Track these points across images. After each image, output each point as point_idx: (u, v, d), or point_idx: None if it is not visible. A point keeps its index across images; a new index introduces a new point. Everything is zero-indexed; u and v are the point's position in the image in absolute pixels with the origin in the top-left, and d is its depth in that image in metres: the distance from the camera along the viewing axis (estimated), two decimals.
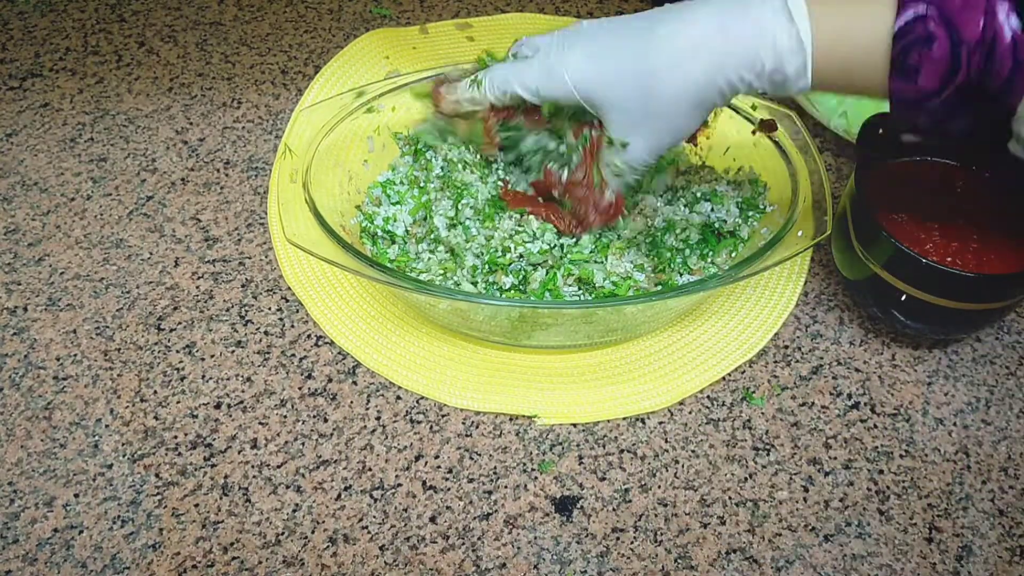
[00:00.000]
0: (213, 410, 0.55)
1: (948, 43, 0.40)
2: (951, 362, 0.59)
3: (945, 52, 0.41)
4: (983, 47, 0.40)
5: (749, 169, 0.61)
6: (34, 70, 0.76)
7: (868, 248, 0.55)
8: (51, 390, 0.55)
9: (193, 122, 0.72)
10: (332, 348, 0.58)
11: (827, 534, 0.50)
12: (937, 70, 0.41)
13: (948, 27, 0.40)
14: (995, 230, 0.56)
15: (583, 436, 0.54)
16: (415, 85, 0.59)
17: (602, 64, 0.47)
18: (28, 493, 0.51)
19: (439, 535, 0.50)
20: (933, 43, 0.41)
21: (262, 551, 0.49)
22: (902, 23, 0.41)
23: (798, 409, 0.56)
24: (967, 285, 0.52)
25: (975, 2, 0.40)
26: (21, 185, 0.67)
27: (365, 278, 0.54)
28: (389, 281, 0.50)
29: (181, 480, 0.51)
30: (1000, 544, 0.50)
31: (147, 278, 0.61)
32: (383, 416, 0.55)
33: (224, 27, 0.81)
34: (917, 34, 0.41)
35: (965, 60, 0.41)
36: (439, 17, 0.82)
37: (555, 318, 0.52)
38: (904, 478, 0.53)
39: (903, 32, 0.41)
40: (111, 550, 0.48)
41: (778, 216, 0.57)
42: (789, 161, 0.57)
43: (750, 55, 0.44)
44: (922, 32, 0.41)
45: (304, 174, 0.56)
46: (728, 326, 0.59)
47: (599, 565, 0.49)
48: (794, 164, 0.57)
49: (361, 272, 0.51)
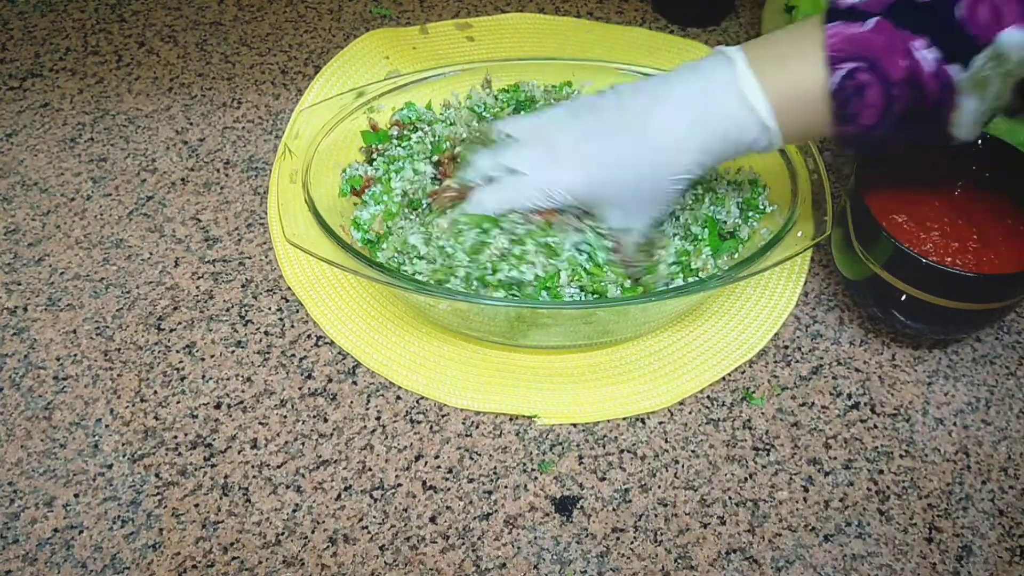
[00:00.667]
0: (213, 410, 0.55)
1: (880, 87, 0.45)
2: (951, 362, 0.59)
3: (878, 95, 0.46)
4: (910, 82, 0.45)
5: (749, 169, 0.60)
6: (34, 70, 0.76)
7: (868, 248, 0.55)
8: (51, 390, 0.55)
9: (193, 122, 0.72)
10: (332, 348, 0.58)
11: (827, 534, 0.50)
12: (875, 110, 0.46)
13: (876, 73, 0.45)
14: (995, 230, 0.56)
15: (583, 436, 0.54)
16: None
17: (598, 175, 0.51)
18: (28, 493, 0.51)
19: (439, 535, 0.50)
20: (866, 91, 0.46)
21: (262, 551, 0.49)
22: (836, 82, 0.46)
23: (798, 409, 0.56)
24: (967, 285, 0.52)
25: (893, 46, 0.45)
26: (21, 185, 0.67)
27: (364, 278, 0.54)
28: (388, 281, 0.50)
29: (181, 480, 0.51)
30: (1000, 544, 0.50)
31: (147, 278, 0.61)
32: (383, 416, 0.55)
33: (224, 27, 0.81)
34: (851, 88, 0.46)
35: (898, 96, 0.45)
36: (439, 17, 0.82)
37: (554, 318, 0.52)
38: (904, 478, 0.53)
39: (838, 88, 0.46)
40: (111, 550, 0.48)
41: (778, 216, 0.57)
42: (789, 161, 0.57)
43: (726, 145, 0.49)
44: (854, 84, 0.46)
45: (304, 174, 0.56)
46: (728, 326, 0.59)
47: (599, 565, 0.49)
48: (794, 164, 0.57)
49: (360, 272, 0.51)
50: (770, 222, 0.58)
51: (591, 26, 0.82)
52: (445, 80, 0.64)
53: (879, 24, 0.45)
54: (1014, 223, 0.56)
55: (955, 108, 0.46)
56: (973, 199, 0.58)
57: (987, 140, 0.58)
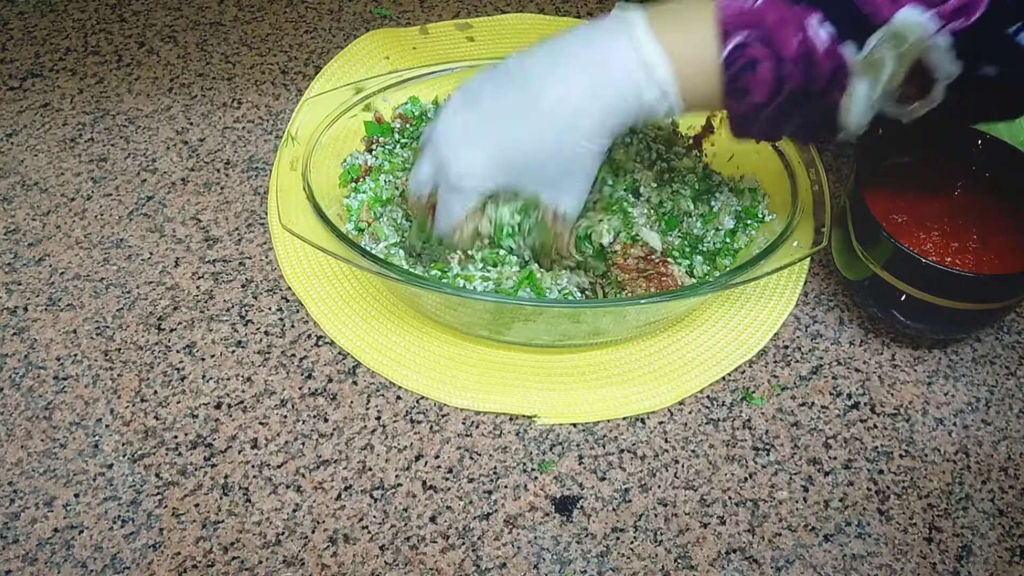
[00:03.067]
0: (213, 410, 0.55)
1: (772, 62, 0.44)
2: (951, 362, 0.59)
3: (770, 70, 0.44)
4: (803, 59, 0.44)
5: (752, 177, 0.60)
6: (34, 70, 0.76)
7: (868, 248, 0.55)
8: (51, 390, 0.55)
9: (193, 122, 0.72)
10: (332, 348, 0.58)
11: (827, 534, 0.50)
12: (766, 87, 0.45)
13: (768, 47, 0.44)
14: (995, 230, 0.56)
15: (583, 436, 0.54)
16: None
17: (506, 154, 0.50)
18: (28, 493, 0.51)
19: (439, 535, 0.50)
20: (758, 65, 0.44)
21: (262, 551, 0.49)
22: (726, 53, 0.45)
23: (798, 409, 0.56)
24: (967, 285, 0.52)
25: (788, 19, 0.44)
26: (21, 185, 0.67)
27: (356, 267, 0.54)
28: (380, 272, 0.50)
29: (181, 480, 0.51)
30: (1000, 544, 0.50)
31: (147, 278, 0.61)
32: (383, 416, 0.55)
33: (224, 27, 0.81)
34: (742, 61, 0.45)
35: (789, 73, 0.44)
36: (439, 17, 0.82)
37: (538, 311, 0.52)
38: (904, 478, 0.53)
39: (729, 61, 0.45)
40: (111, 550, 0.48)
41: (777, 225, 0.57)
42: (790, 171, 0.57)
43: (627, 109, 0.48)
44: (746, 57, 0.44)
45: (304, 161, 0.56)
46: (728, 326, 0.59)
47: (599, 565, 0.49)
48: (795, 174, 0.57)
49: (352, 261, 0.51)
50: (769, 231, 0.57)
51: None
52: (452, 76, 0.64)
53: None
54: (1014, 223, 0.56)
55: (846, 91, 0.45)
56: (973, 199, 0.58)
57: (987, 140, 0.58)
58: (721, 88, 0.46)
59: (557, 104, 0.48)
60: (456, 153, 0.50)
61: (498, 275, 0.53)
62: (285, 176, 0.55)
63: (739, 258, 0.57)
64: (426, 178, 0.52)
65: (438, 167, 0.51)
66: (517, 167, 0.50)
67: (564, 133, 0.48)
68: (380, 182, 0.59)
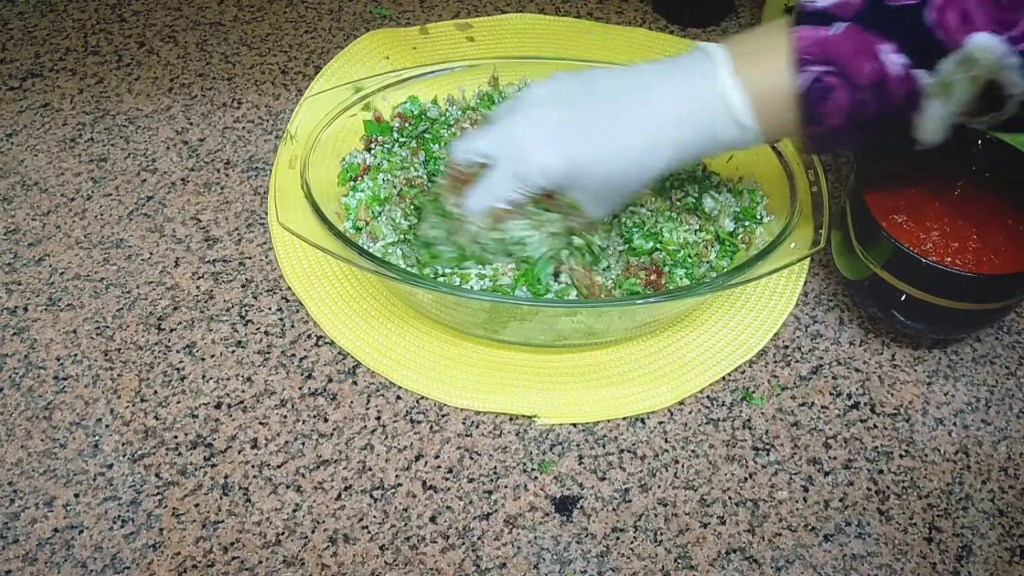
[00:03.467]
0: (213, 410, 0.55)
1: (847, 91, 0.45)
2: (951, 362, 0.59)
3: (845, 98, 0.46)
4: (877, 87, 0.45)
5: (750, 178, 0.60)
6: (34, 70, 0.76)
7: (868, 248, 0.55)
8: (51, 390, 0.55)
9: (193, 122, 0.72)
10: (332, 348, 0.58)
11: (827, 534, 0.50)
12: (841, 112, 0.46)
13: (843, 77, 0.45)
14: (995, 230, 0.56)
15: (583, 436, 0.54)
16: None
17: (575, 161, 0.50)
18: (28, 493, 0.51)
19: (439, 535, 0.50)
20: (832, 93, 0.46)
21: (262, 551, 0.49)
22: (804, 85, 0.46)
23: (798, 409, 0.56)
24: (967, 285, 0.52)
25: (861, 48, 0.45)
26: (21, 185, 0.67)
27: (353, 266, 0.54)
28: (376, 270, 0.50)
29: (181, 480, 0.51)
30: (1000, 544, 0.50)
31: (147, 278, 0.61)
32: (383, 416, 0.55)
33: (224, 27, 0.81)
34: (818, 91, 0.46)
35: (865, 100, 0.46)
36: (439, 17, 0.82)
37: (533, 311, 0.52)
38: (904, 478, 0.53)
39: (807, 93, 0.46)
40: (111, 550, 0.48)
41: (776, 226, 0.57)
42: (790, 173, 0.57)
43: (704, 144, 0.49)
44: (822, 88, 0.46)
45: (303, 159, 0.56)
46: (728, 326, 0.59)
47: (599, 565, 0.49)
48: (794, 176, 0.57)
49: (350, 260, 0.51)
50: (768, 232, 0.57)
51: (591, 26, 0.82)
52: (452, 75, 0.64)
53: (848, 29, 0.45)
54: (1014, 223, 0.56)
55: (921, 112, 0.46)
56: (973, 199, 0.58)
57: (987, 140, 0.58)
58: (799, 117, 0.47)
59: (645, 127, 0.49)
60: (539, 147, 0.50)
61: (494, 272, 0.53)
62: (284, 175, 0.55)
63: (737, 259, 0.57)
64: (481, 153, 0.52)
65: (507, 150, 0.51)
66: (584, 177, 0.50)
67: (644, 156, 0.50)
68: (378, 181, 0.59)
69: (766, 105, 0.48)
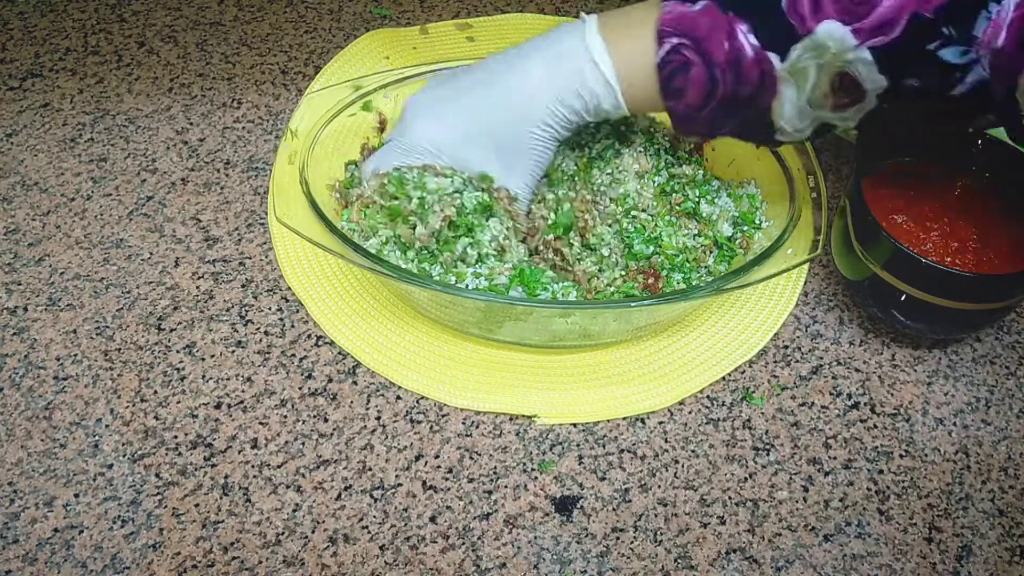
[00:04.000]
0: (213, 410, 0.55)
1: (704, 67, 0.48)
2: (951, 362, 0.59)
3: (702, 74, 0.48)
4: (732, 65, 0.47)
5: (751, 183, 0.60)
6: (34, 70, 0.76)
7: (868, 248, 0.55)
8: (51, 390, 0.55)
9: (193, 122, 0.72)
10: (332, 348, 0.58)
11: (827, 534, 0.50)
12: (699, 89, 0.49)
13: (700, 53, 0.47)
14: (995, 230, 0.56)
15: (583, 436, 0.54)
16: None
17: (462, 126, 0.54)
18: (28, 493, 0.51)
19: (439, 535, 0.50)
20: (691, 68, 0.48)
21: (262, 551, 0.49)
22: (661, 55, 0.48)
23: (798, 409, 0.56)
24: (967, 285, 0.52)
25: (719, 26, 0.47)
26: (21, 185, 0.67)
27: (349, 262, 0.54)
28: (372, 267, 0.50)
29: (181, 480, 0.51)
30: (1000, 544, 0.50)
31: (147, 278, 0.61)
32: (383, 416, 0.55)
33: (224, 27, 0.81)
34: (675, 63, 0.48)
35: (720, 78, 0.48)
36: (439, 17, 0.82)
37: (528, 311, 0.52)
38: (904, 478, 0.53)
39: (664, 63, 0.48)
40: (111, 550, 0.48)
41: (775, 231, 0.57)
42: (789, 176, 0.57)
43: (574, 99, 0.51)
44: (679, 60, 0.48)
45: (303, 157, 0.56)
46: (728, 326, 0.59)
47: (599, 565, 0.49)
48: (794, 180, 0.56)
49: (345, 256, 0.51)
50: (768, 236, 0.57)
51: None
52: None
53: (707, 7, 0.47)
54: (1014, 223, 0.56)
55: (775, 96, 0.48)
56: (973, 199, 0.58)
57: (987, 140, 0.58)
58: (658, 88, 0.50)
59: (514, 88, 0.52)
60: (416, 119, 0.55)
61: (490, 271, 0.53)
62: (283, 171, 0.55)
63: (735, 263, 0.57)
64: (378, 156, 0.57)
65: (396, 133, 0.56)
66: (466, 139, 0.53)
67: (519, 115, 0.52)
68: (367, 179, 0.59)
69: (630, 71, 0.50)
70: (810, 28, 0.45)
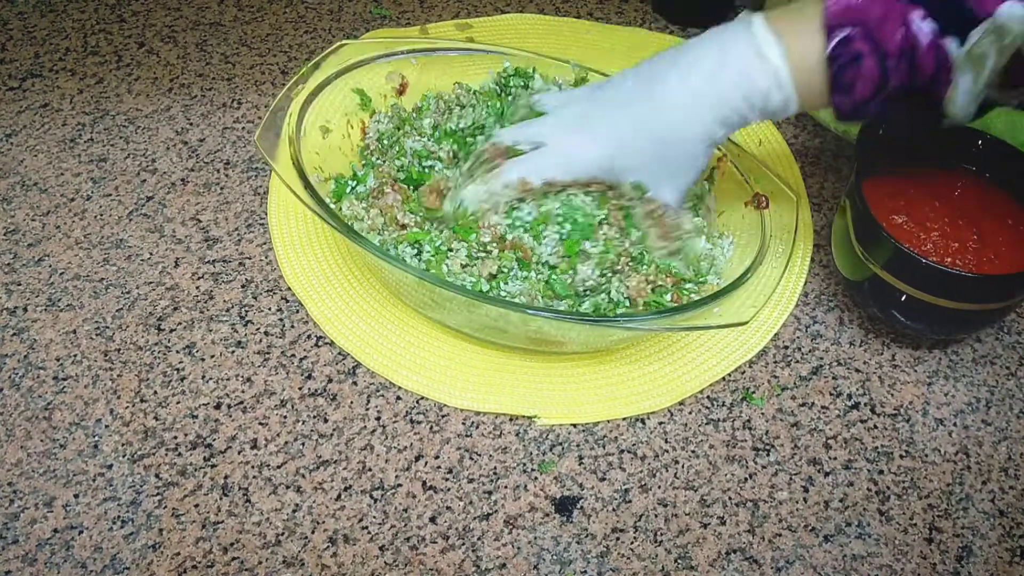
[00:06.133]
0: (213, 410, 0.55)
1: (875, 58, 0.46)
2: (951, 362, 0.59)
3: (874, 66, 0.46)
4: (906, 54, 0.45)
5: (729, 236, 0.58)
6: (34, 70, 0.76)
7: (868, 248, 0.55)
8: (51, 390, 0.55)
9: (193, 122, 0.72)
10: (332, 348, 0.58)
11: (827, 534, 0.50)
12: (869, 82, 0.47)
13: (872, 42, 0.46)
14: (995, 230, 0.56)
15: (583, 436, 0.54)
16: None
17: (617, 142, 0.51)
18: (28, 493, 0.51)
19: (439, 535, 0.50)
20: (863, 60, 0.46)
21: (262, 551, 0.49)
22: (831, 47, 0.46)
23: (798, 409, 0.56)
24: (967, 285, 0.52)
25: (892, 15, 0.45)
26: (21, 185, 0.67)
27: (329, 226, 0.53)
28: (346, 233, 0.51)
29: (181, 480, 0.51)
30: (1000, 544, 0.50)
31: (147, 278, 0.61)
32: (383, 416, 0.55)
33: (224, 27, 0.81)
34: (846, 56, 0.46)
35: (893, 68, 0.46)
36: (439, 17, 0.82)
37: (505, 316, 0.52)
38: (904, 478, 0.53)
39: (834, 55, 0.47)
40: (111, 550, 0.48)
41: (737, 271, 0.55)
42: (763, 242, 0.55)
43: (742, 102, 0.49)
44: (850, 52, 0.46)
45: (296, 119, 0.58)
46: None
47: (599, 565, 0.49)
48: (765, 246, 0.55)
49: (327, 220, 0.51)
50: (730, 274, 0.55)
51: (591, 26, 0.82)
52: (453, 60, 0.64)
53: None
54: (1014, 223, 0.56)
55: (951, 85, 0.46)
56: (973, 199, 0.58)
57: (987, 140, 0.58)
58: (828, 83, 0.48)
59: (673, 93, 0.50)
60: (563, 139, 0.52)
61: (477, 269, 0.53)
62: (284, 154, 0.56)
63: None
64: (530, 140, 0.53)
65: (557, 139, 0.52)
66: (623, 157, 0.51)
67: (678, 126, 0.50)
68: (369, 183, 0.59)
69: (799, 66, 0.48)
70: (990, 10, 0.43)
